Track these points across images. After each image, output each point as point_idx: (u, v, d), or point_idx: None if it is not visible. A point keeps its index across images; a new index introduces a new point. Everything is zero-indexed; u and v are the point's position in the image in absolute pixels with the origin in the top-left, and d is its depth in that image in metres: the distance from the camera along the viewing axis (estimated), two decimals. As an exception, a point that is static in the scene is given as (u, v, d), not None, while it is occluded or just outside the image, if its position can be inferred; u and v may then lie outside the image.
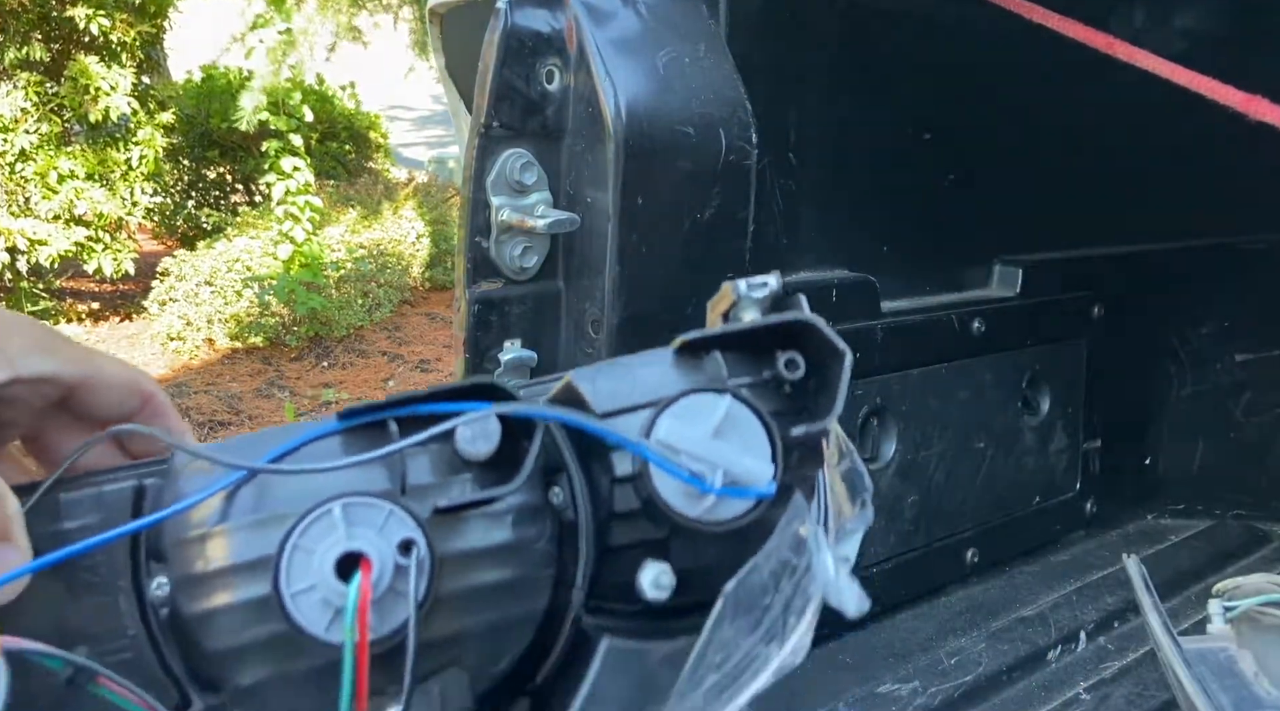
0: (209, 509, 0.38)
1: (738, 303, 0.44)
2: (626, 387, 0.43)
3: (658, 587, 0.41)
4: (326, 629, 0.36)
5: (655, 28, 0.76)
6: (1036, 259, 1.04)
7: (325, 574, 0.36)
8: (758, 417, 0.41)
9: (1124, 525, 1.15)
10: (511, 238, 0.79)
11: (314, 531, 0.37)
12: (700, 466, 0.40)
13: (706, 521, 0.40)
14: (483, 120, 0.74)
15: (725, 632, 0.38)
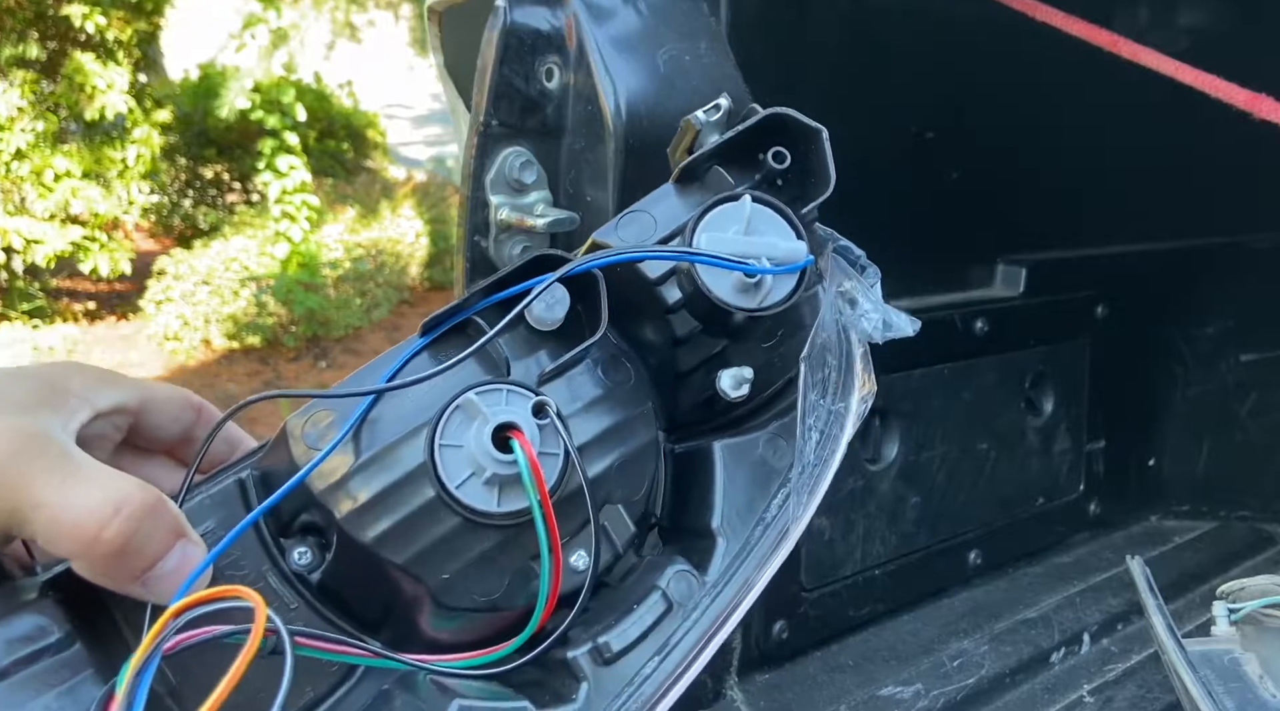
0: (344, 453, 0.41)
1: (700, 131, 0.48)
2: (649, 227, 0.47)
3: (739, 385, 0.46)
4: (499, 503, 0.40)
5: (656, 25, 0.76)
6: (1040, 258, 1.03)
7: (486, 450, 0.39)
8: (773, 207, 0.46)
9: (1128, 526, 1.15)
10: (511, 237, 0.78)
11: (452, 428, 0.40)
12: (748, 259, 0.44)
13: (766, 306, 0.45)
14: (481, 118, 0.73)
15: (811, 397, 0.45)
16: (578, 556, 0.42)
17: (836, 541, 0.88)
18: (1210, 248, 1.17)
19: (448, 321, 0.43)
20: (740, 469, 0.46)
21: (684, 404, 0.49)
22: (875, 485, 0.91)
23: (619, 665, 0.40)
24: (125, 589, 0.38)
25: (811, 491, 0.45)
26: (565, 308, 0.44)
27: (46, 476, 0.37)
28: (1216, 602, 0.77)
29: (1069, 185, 1.06)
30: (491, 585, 0.41)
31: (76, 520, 0.36)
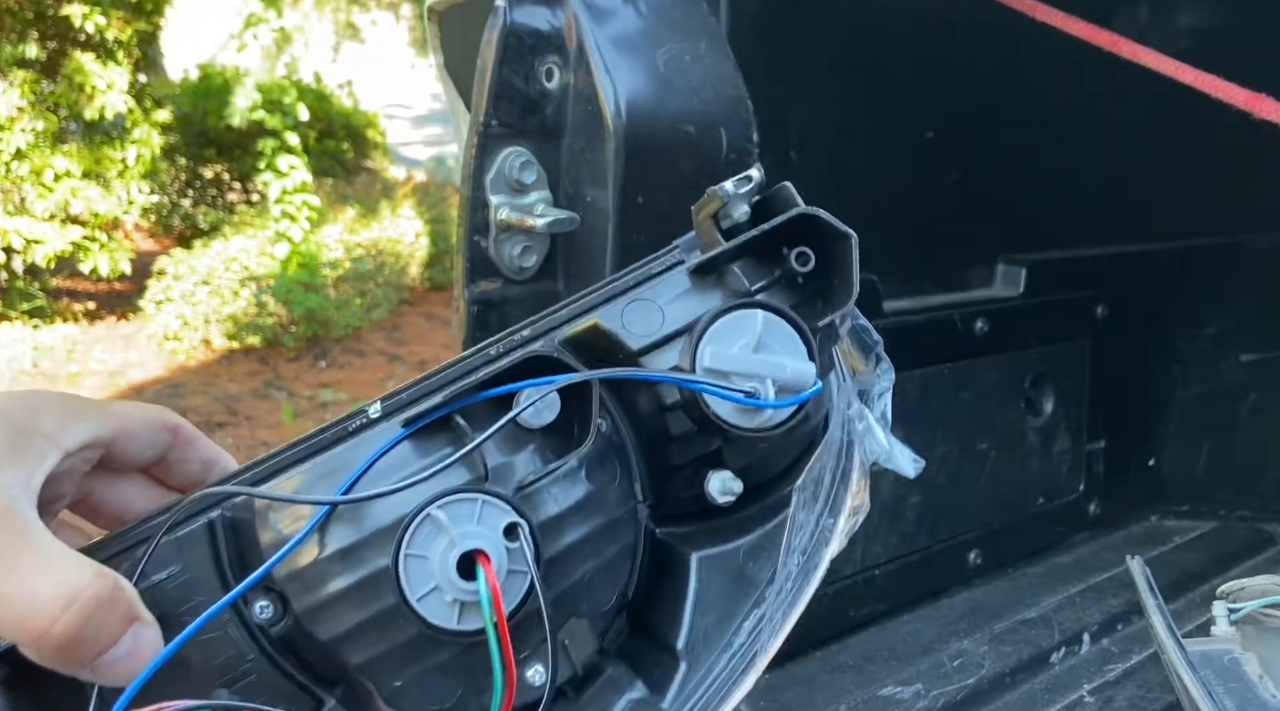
0: (310, 541, 0.40)
1: (727, 203, 0.45)
2: (656, 320, 0.45)
3: (725, 493, 0.45)
4: (459, 621, 0.39)
5: (655, 25, 0.76)
6: (1040, 258, 1.03)
7: (449, 576, 0.38)
8: (790, 321, 0.44)
9: (1128, 526, 1.15)
10: (510, 237, 0.78)
11: (420, 537, 0.39)
12: (751, 383, 0.42)
13: (764, 429, 0.43)
14: (481, 118, 0.73)
15: (800, 517, 0.43)
16: (535, 672, 0.41)
17: (836, 541, 0.88)
18: (1210, 248, 1.17)
19: (431, 416, 0.42)
20: (715, 581, 0.44)
21: (671, 492, 0.47)
22: (875, 485, 0.91)
23: None
24: (73, 673, 0.37)
25: (786, 616, 0.43)
26: (555, 412, 0.43)
27: (6, 567, 0.36)
28: (1216, 602, 0.77)
29: (1069, 185, 1.06)
30: (444, 695, 0.41)
31: (26, 612, 0.35)
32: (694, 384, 0.42)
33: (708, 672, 0.43)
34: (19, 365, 3.98)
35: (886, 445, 0.46)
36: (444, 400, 0.42)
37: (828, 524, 0.45)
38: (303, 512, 0.40)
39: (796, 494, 0.43)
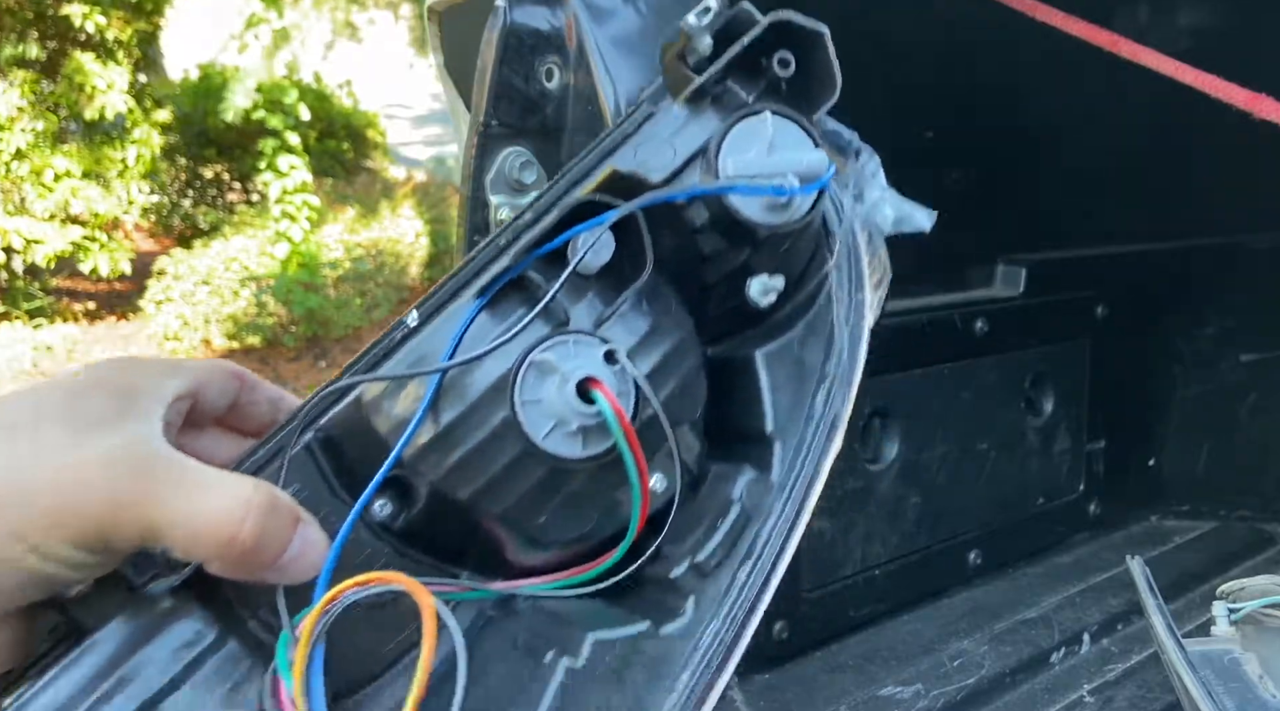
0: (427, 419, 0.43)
1: (691, 37, 0.48)
2: (668, 153, 0.48)
3: (767, 292, 0.48)
4: (584, 448, 0.42)
5: (655, 25, 0.75)
6: (1040, 258, 1.03)
7: (571, 405, 0.41)
8: (793, 119, 0.47)
9: (1128, 527, 1.15)
10: (511, 237, 0.78)
11: (529, 385, 0.42)
12: (775, 181, 0.45)
13: (795, 221, 0.46)
14: (481, 118, 0.73)
15: (839, 294, 0.47)
16: (657, 480, 0.45)
17: (836, 541, 0.88)
18: (1210, 248, 1.17)
19: (499, 282, 0.45)
20: (781, 372, 0.47)
21: (711, 312, 0.50)
22: (875, 485, 0.91)
23: (715, 577, 0.43)
24: (260, 577, 0.40)
25: (849, 383, 0.47)
26: (611, 250, 0.46)
27: (170, 491, 0.38)
28: (1216, 602, 0.77)
29: (1069, 185, 1.06)
30: (583, 521, 0.44)
31: (211, 527, 0.38)
32: (732, 188, 0.45)
33: (799, 444, 0.46)
34: (19, 365, 3.98)
35: (895, 211, 0.49)
36: (510, 263, 0.45)
37: (859, 298, 0.48)
38: (412, 397, 0.42)
39: (834, 272, 0.47)
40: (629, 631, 0.42)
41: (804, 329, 0.49)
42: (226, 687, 0.39)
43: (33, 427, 0.39)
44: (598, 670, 0.40)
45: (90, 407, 0.40)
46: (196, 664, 0.39)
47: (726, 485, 0.46)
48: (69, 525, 0.37)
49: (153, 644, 0.39)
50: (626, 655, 0.41)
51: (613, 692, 0.40)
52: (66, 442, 0.38)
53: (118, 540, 0.38)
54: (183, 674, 0.38)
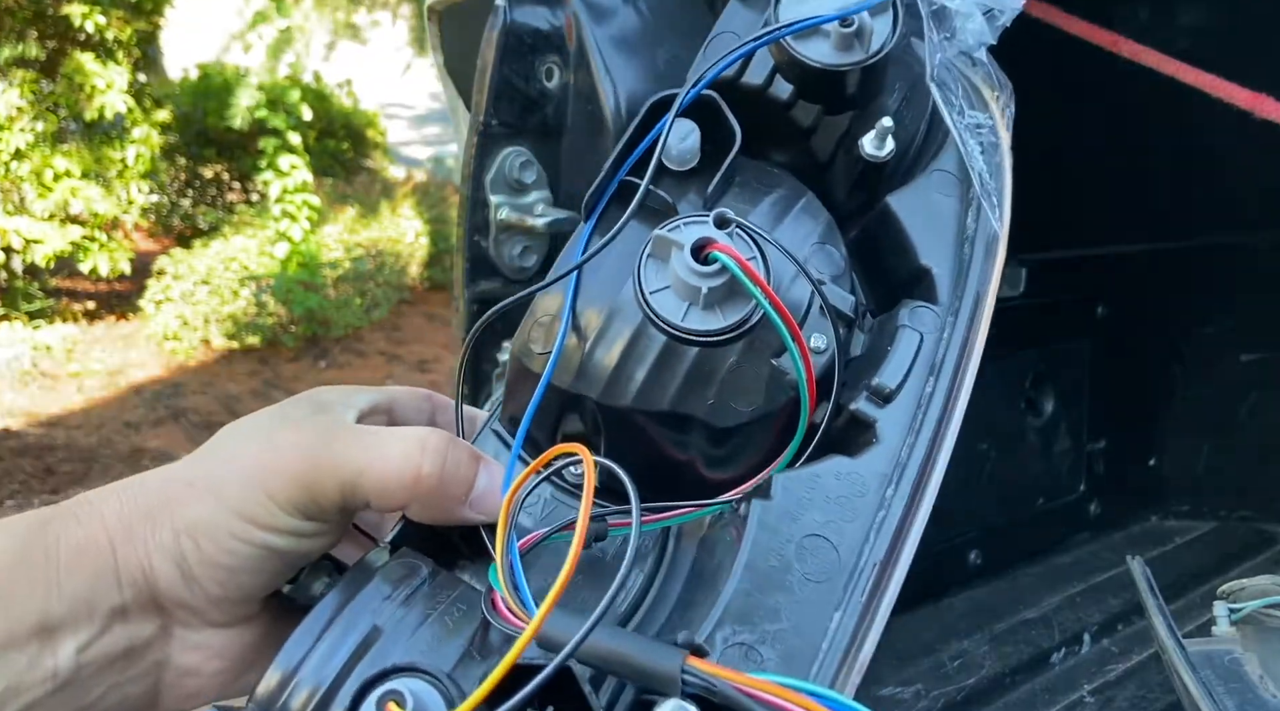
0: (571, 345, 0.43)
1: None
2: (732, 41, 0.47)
3: (882, 141, 0.46)
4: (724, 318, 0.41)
5: (655, 25, 0.76)
6: (1040, 258, 1.03)
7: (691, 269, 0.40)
8: None
9: (1128, 527, 1.15)
10: (511, 237, 0.78)
11: (651, 274, 0.42)
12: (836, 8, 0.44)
13: (874, 53, 0.44)
14: (481, 118, 0.73)
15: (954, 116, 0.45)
16: (815, 338, 0.43)
17: (837, 541, 0.88)
18: (1210, 248, 1.17)
19: (604, 196, 0.45)
20: (918, 211, 0.46)
21: (837, 192, 0.49)
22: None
23: (901, 396, 0.42)
24: (457, 516, 0.43)
25: (1000, 198, 0.45)
26: (697, 135, 0.45)
27: (355, 448, 0.42)
28: (1217, 602, 0.77)
29: (1069, 185, 1.06)
30: (752, 394, 0.43)
31: (397, 468, 0.41)
32: (787, 29, 0.43)
33: (958, 266, 0.45)
34: (19, 365, 3.98)
35: (983, 11, 0.47)
36: (603, 177, 0.45)
37: (985, 118, 0.46)
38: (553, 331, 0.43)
39: (933, 86, 0.45)
40: (821, 466, 0.40)
41: (934, 167, 0.47)
42: (446, 604, 0.40)
43: (246, 430, 0.45)
44: (790, 501, 0.39)
45: (292, 412, 0.46)
46: (415, 591, 0.40)
47: (892, 321, 0.44)
48: (278, 491, 0.41)
49: (372, 585, 0.40)
50: (823, 486, 0.40)
51: (813, 513, 0.39)
52: (271, 431, 0.44)
53: (322, 497, 0.42)
54: (405, 601, 0.40)
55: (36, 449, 3.40)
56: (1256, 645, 0.74)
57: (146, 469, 0.45)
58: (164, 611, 0.42)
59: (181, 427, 3.65)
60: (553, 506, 0.45)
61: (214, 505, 0.41)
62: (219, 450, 0.44)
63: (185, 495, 0.42)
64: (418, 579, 0.41)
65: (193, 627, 0.43)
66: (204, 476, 0.42)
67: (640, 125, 0.45)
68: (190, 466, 0.44)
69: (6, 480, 3.14)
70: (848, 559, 0.39)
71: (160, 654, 0.43)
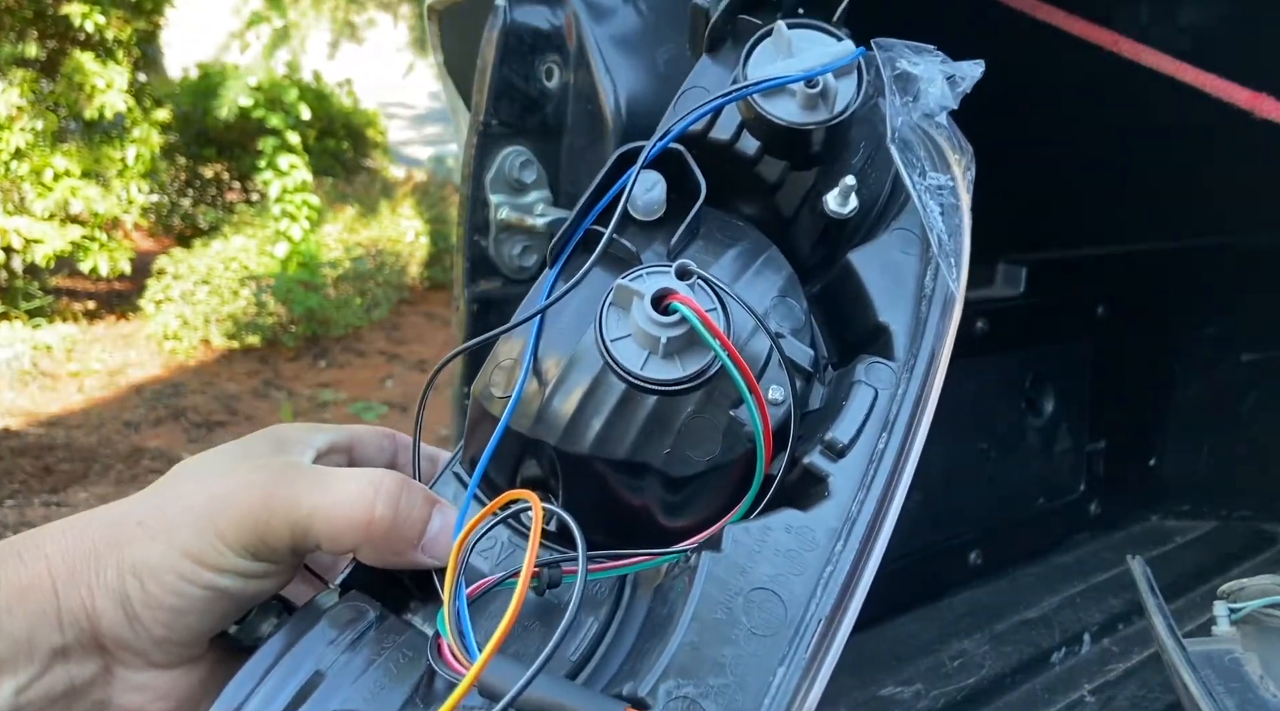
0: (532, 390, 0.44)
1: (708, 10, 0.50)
2: (702, 96, 0.48)
3: (845, 198, 0.47)
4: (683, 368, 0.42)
5: (655, 24, 0.75)
6: (1041, 258, 1.03)
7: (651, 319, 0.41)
8: (808, 24, 0.48)
9: (1128, 526, 1.15)
10: (511, 236, 0.78)
11: (613, 323, 0.43)
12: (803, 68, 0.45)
13: (838, 113, 0.45)
14: (481, 118, 0.73)
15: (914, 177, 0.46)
16: (773, 390, 0.44)
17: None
18: (1210, 248, 1.17)
19: (569, 244, 0.46)
20: (879, 268, 0.47)
21: (801, 246, 0.50)
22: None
23: (854, 452, 0.42)
24: (408, 560, 0.43)
25: (957, 259, 0.46)
26: (663, 187, 0.45)
27: (309, 489, 0.42)
28: (1217, 602, 0.77)
29: (1070, 185, 1.06)
30: (709, 444, 0.43)
31: (348, 511, 0.41)
32: (753, 88, 0.45)
33: (915, 323, 0.46)
34: (19, 364, 3.98)
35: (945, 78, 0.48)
36: (568, 226, 0.45)
37: (945, 180, 0.47)
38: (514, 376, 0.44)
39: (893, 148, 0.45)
40: (773, 519, 0.41)
41: (895, 230, 0.48)
42: (393, 649, 0.40)
43: (202, 468, 0.45)
44: (740, 554, 0.40)
45: (252, 448, 0.46)
46: (362, 635, 0.41)
47: (849, 375, 0.45)
48: (227, 531, 0.41)
49: (318, 628, 0.41)
50: (774, 540, 0.40)
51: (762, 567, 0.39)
52: (228, 470, 0.44)
53: (273, 539, 0.41)
54: (350, 645, 0.40)
55: (36, 448, 3.40)
56: (1257, 645, 0.74)
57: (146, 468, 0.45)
58: (106, 652, 0.42)
59: (181, 427, 3.65)
60: (509, 550, 0.45)
61: (163, 545, 0.41)
62: (171, 488, 0.44)
63: (134, 534, 0.41)
64: (364, 622, 0.41)
65: (135, 668, 0.43)
66: (154, 515, 0.42)
67: (607, 174, 0.46)
68: (141, 504, 0.43)
69: (6, 480, 3.14)
70: (794, 613, 0.39)
71: (102, 694, 0.42)
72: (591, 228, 0.46)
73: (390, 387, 4.06)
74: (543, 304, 0.45)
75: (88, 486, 3.14)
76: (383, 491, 0.42)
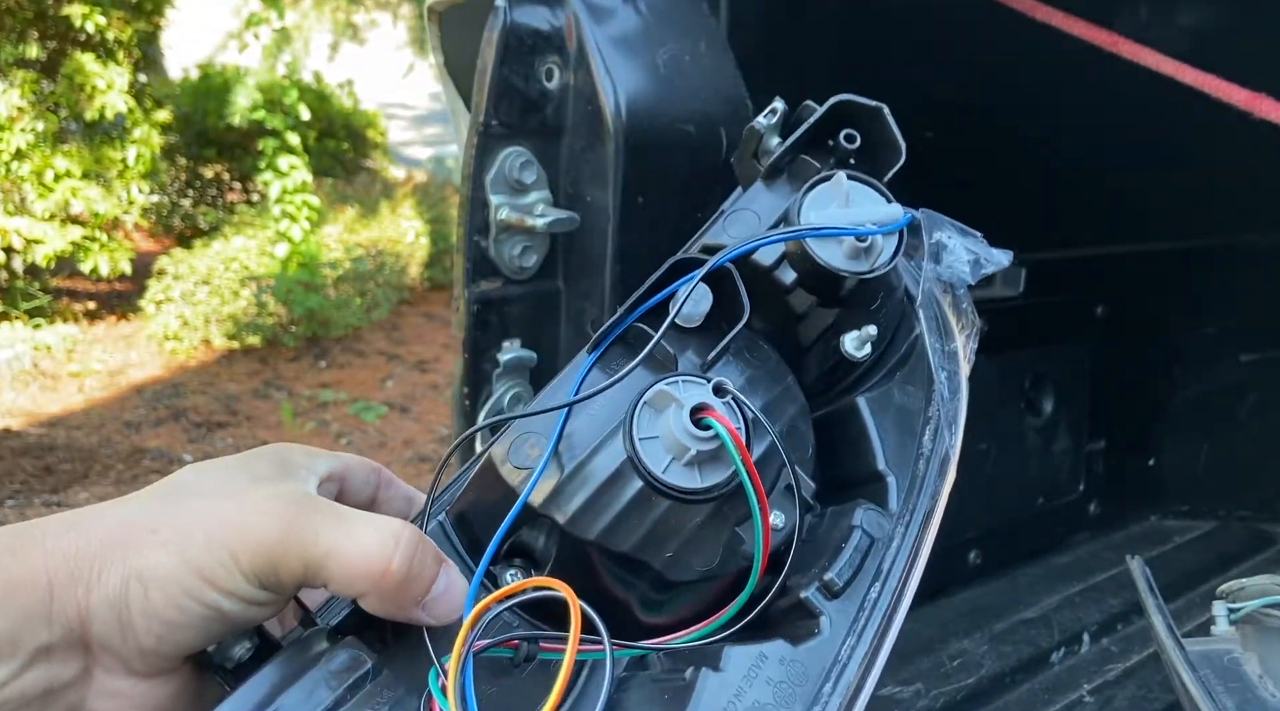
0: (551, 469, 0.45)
1: (763, 136, 0.53)
2: (754, 221, 0.52)
3: (863, 344, 0.51)
4: (702, 479, 0.43)
5: (655, 25, 0.76)
6: (1040, 258, 1.03)
7: (688, 432, 0.42)
8: (863, 180, 0.51)
9: (1127, 526, 1.15)
10: (511, 237, 0.78)
11: (644, 423, 0.44)
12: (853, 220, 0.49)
13: (878, 267, 0.49)
14: (482, 118, 0.73)
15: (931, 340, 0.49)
16: (775, 516, 0.46)
17: (836, 541, 0.88)
18: (1210, 248, 1.17)
19: (611, 335, 0.47)
20: (885, 416, 0.49)
21: (809, 376, 0.52)
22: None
23: (846, 596, 0.44)
24: (409, 615, 0.43)
25: (955, 422, 0.49)
26: (709, 302, 0.48)
27: (329, 529, 0.42)
28: (1216, 602, 0.77)
29: (1069, 185, 1.06)
30: (708, 555, 0.45)
31: (366, 558, 0.41)
32: (818, 232, 0.48)
33: (912, 479, 0.48)
34: (19, 365, 3.99)
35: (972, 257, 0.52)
36: (614, 320, 0.47)
37: (950, 347, 0.50)
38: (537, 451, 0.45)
39: (922, 327, 0.49)
40: (768, 647, 0.42)
41: (901, 379, 0.51)
42: (387, 705, 0.41)
43: (212, 482, 0.44)
44: (738, 677, 0.41)
45: (257, 468, 0.46)
46: (356, 687, 0.41)
47: (846, 518, 0.47)
48: (242, 556, 0.41)
49: (309, 675, 0.41)
50: (767, 668, 0.42)
51: (753, 692, 0.40)
52: (241, 489, 0.44)
53: (285, 571, 0.42)
54: (341, 696, 0.40)
55: (37, 448, 3.40)
56: (1256, 644, 0.74)
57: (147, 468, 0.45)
58: (90, 654, 0.42)
59: (182, 427, 3.65)
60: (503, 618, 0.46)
61: (175, 557, 0.41)
62: (182, 499, 0.43)
63: (145, 541, 0.41)
64: (360, 673, 0.41)
65: (114, 674, 0.42)
66: (169, 524, 0.42)
67: (659, 279, 0.48)
68: (151, 510, 0.43)
69: (7, 480, 3.14)
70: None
71: (77, 697, 0.42)
72: (635, 326, 0.48)
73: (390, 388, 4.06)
74: (573, 397, 0.46)
75: (88, 486, 3.14)
76: (402, 544, 0.42)
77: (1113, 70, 0.80)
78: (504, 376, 0.81)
